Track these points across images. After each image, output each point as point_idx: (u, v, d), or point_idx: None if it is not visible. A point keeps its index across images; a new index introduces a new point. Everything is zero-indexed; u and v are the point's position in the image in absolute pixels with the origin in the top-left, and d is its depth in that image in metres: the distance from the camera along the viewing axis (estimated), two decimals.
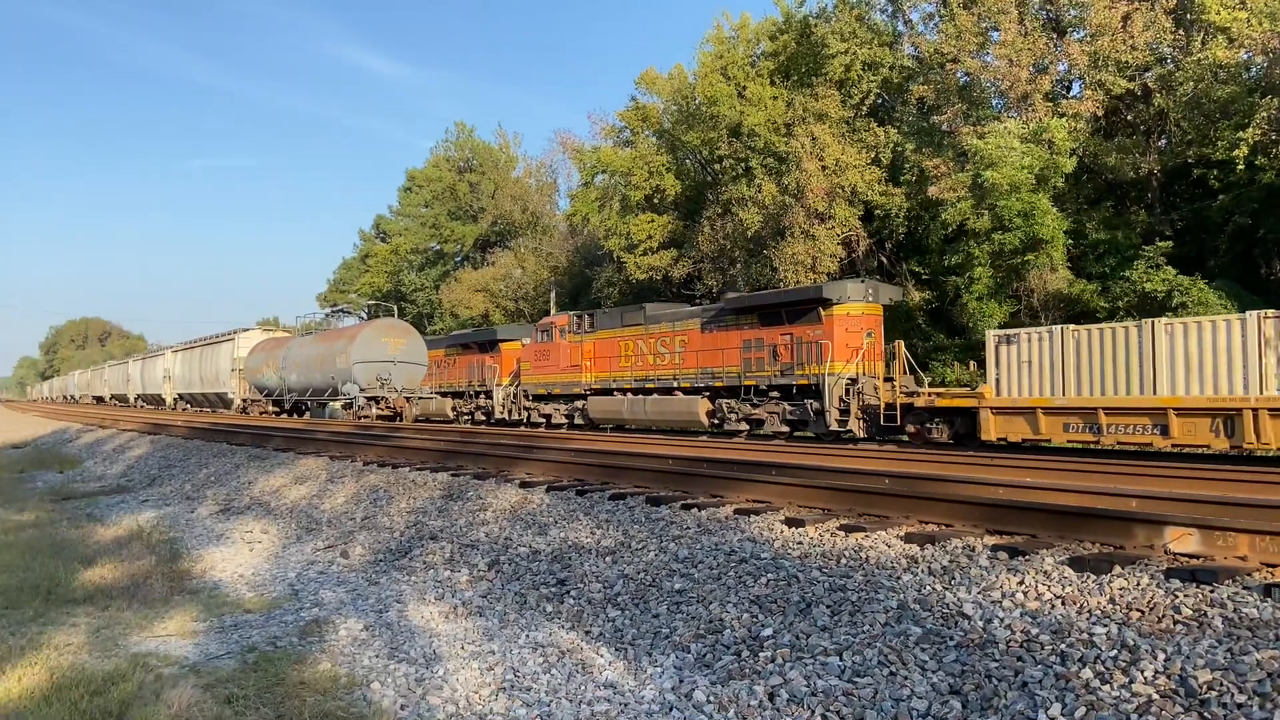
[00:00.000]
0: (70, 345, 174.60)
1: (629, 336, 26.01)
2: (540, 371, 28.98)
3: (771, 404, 21.61)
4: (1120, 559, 5.78)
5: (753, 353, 22.09)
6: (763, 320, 22.21)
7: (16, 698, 5.42)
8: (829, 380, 19.85)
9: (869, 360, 20.17)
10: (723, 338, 22.98)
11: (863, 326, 20.51)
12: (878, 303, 21.26)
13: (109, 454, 24.91)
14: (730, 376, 22.45)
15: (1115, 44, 24.10)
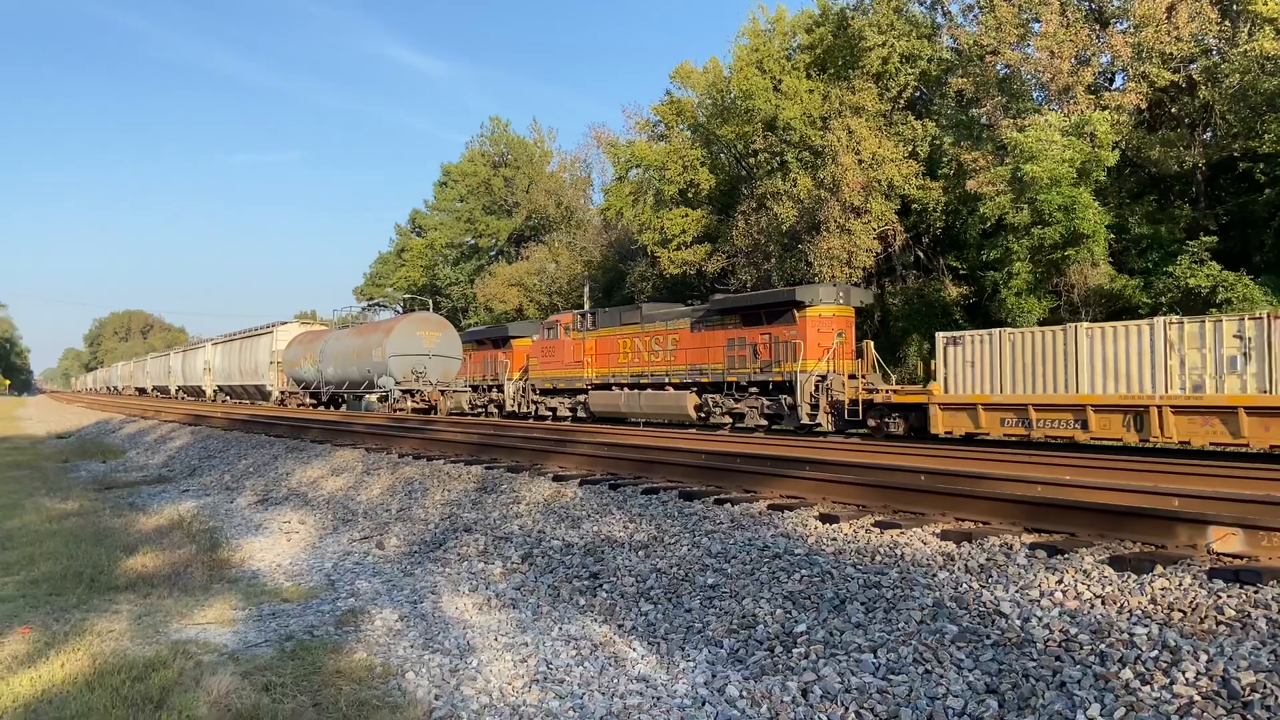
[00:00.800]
0: (113, 337, 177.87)
1: (627, 335, 27.40)
2: (547, 367, 30.47)
3: (751, 399, 22.87)
4: (1162, 558, 5.68)
5: (735, 351, 23.38)
6: (744, 321, 23.46)
7: (60, 683, 5.52)
8: (801, 377, 21.16)
9: (839, 359, 21.45)
10: (709, 337, 24.33)
11: (834, 327, 21.80)
12: (849, 305, 22.55)
13: (150, 444, 25.33)
14: (715, 373, 23.74)
15: (1159, 35, 23.66)
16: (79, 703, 5.18)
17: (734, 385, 23.24)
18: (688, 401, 24.38)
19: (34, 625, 6.76)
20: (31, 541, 10.38)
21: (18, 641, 6.33)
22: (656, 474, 10.81)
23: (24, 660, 5.95)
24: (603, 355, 28.18)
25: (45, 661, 5.90)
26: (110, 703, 5.15)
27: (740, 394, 23.17)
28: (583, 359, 28.71)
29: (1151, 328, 16.07)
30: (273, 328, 46.38)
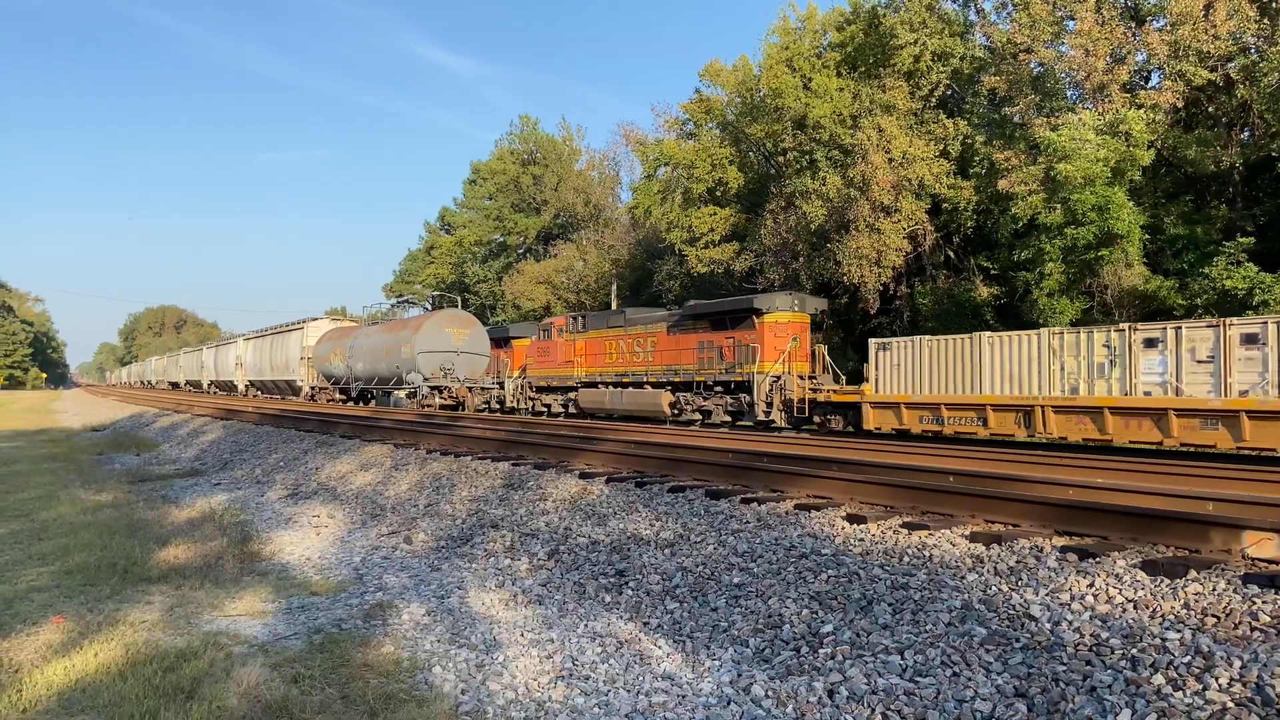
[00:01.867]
0: (148, 332, 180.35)
1: (612, 337, 29.24)
2: (542, 366, 32.37)
3: (717, 397, 24.81)
4: (1195, 563, 5.61)
5: (704, 353, 25.31)
6: (712, 326, 25.35)
7: (93, 672, 5.60)
8: (758, 378, 23.06)
9: (793, 361, 23.25)
10: (683, 340, 26.25)
11: (789, 332, 23.71)
12: (804, 312, 24.52)
13: (183, 438, 25.64)
14: (687, 373, 25.67)
15: (1197, 33, 23.30)
16: (111, 692, 5.25)
17: (702, 385, 25.14)
18: (663, 399, 26.15)
19: (68, 615, 6.86)
20: (66, 532, 10.54)
21: (52, 631, 6.42)
22: (683, 472, 10.81)
23: (58, 649, 6.04)
24: (591, 356, 30.03)
25: (79, 651, 5.98)
26: (142, 692, 5.21)
27: (708, 393, 25.07)
28: (573, 359, 30.59)
29: (1039, 337, 18.32)
30: (303, 324, 46.83)
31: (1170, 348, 16.57)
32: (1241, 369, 15.53)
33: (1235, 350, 15.65)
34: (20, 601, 7.38)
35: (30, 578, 8.29)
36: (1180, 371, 16.33)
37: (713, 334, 25.16)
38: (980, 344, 19.15)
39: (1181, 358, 16.40)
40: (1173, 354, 16.55)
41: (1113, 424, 16.52)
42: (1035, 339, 18.35)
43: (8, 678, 5.51)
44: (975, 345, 19.24)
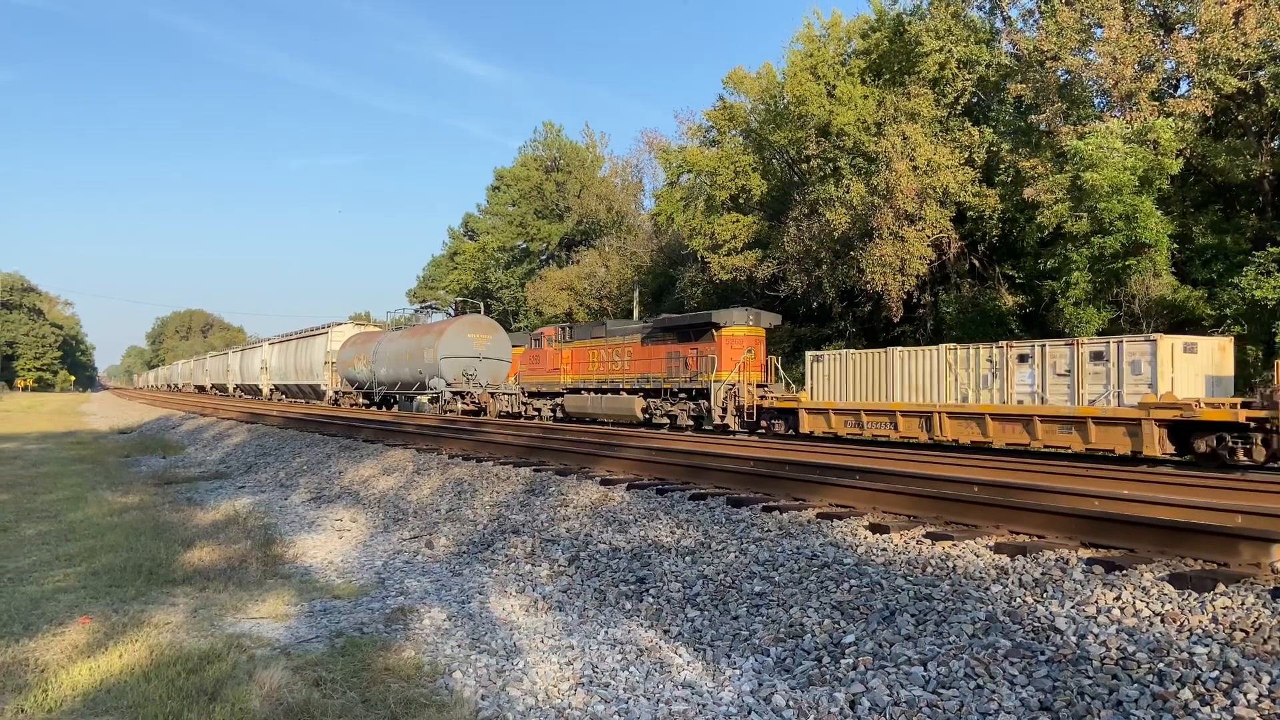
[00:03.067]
0: (175, 336, 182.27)
1: (594, 347, 31.49)
2: (533, 373, 34.37)
3: (682, 403, 26.98)
4: (1224, 576, 5.53)
5: (672, 363, 27.63)
6: (679, 338, 27.75)
7: (118, 673, 5.65)
8: (715, 385, 25.36)
9: (747, 371, 25.51)
10: (654, 350, 28.57)
11: (745, 345, 26.02)
12: (759, 327, 26.83)
13: (209, 441, 25.87)
14: (657, 381, 27.99)
15: (1226, 41, 23.06)
16: (136, 693, 5.30)
17: (669, 391, 27.50)
18: (636, 405, 28.40)
19: (94, 616, 6.93)
20: (93, 534, 10.65)
21: (78, 632, 6.49)
22: (704, 480, 10.79)
23: (84, 650, 6.09)
24: (576, 364, 32.17)
25: (104, 652, 6.04)
26: (166, 694, 5.25)
27: (674, 399, 27.35)
28: (560, 367, 32.82)
29: (938, 352, 20.72)
30: (328, 328, 47.14)
31: (1037, 363, 18.77)
32: (1090, 382, 17.78)
33: (1086, 366, 17.91)
34: (47, 602, 7.46)
35: (57, 578, 8.38)
36: (1045, 383, 18.61)
37: (679, 345, 27.57)
38: (893, 358, 21.68)
39: (1046, 372, 18.62)
40: (1039, 368, 18.74)
41: (992, 428, 18.95)
42: (935, 354, 20.76)
43: (34, 677, 5.57)
44: (889, 359, 21.75)
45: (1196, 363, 17.38)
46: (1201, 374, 17.35)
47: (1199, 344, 17.66)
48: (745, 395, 24.79)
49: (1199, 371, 17.31)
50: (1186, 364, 17.22)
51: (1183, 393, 16.65)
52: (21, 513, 12.56)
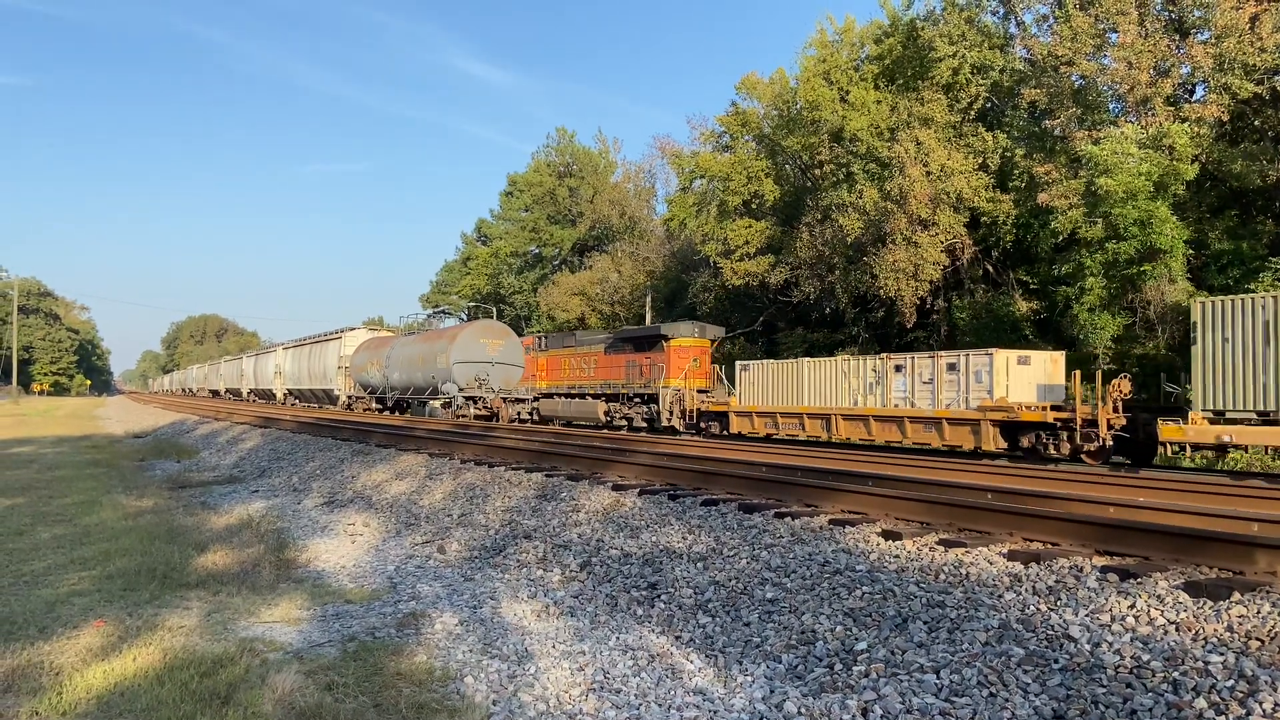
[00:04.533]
0: (189, 340, 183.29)
1: (566, 355, 34.82)
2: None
3: (637, 406, 30.08)
4: (1239, 585, 5.49)
5: (630, 371, 30.76)
6: (635, 348, 31.05)
7: (131, 676, 5.68)
8: (664, 391, 28.67)
9: (692, 378, 29.16)
10: (615, 359, 31.83)
11: (691, 354, 29.40)
12: (704, 338, 30.35)
13: (223, 445, 25.99)
14: (617, 387, 31.12)
15: (1242, 46, 22.93)
16: (149, 696, 5.32)
17: (627, 396, 30.49)
18: (599, 409, 31.44)
19: (108, 619, 6.96)
20: (108, 538, 10.71)
21: (92, 635, 6.52)
22: (716, 485, 10.77)
23: (98, 653, 6.13)
24: (551, 371, 35.34)
25: (118, 655, 6.07)
26: (179, 697, 5.27)
27: (630, 403, 30.38)
28: (536, 373, 35.76)
29: (835, 363, 24.22)
30: (341, 333, 47.31)
31: (909, 372, 21.69)
32: (946, 389, 20.68)
33: (943, 375, 20.80)
34: (62, 605, 7.51)
35: (72, 582, 8.43)
36: (914, 390, 21.49)
37: (635, 355, 30.84)
38: (802, 367, 24.99)
39: (914, 380, 21.45)
40: (910, 377, 21.62)
41: (875, 427, 21.79)
42: (834, 364, 24.10)
43: (49, 680, 5.60)
44: (799, 368, 25.04)
45: (1030, 373, 20.10)
46: (1034, 382, 19.99)
47: (1032, 357, 20.63)
48: (689, 400, 28.12)
49: (1032, 380, 19.99)
50: (1020, 374, 19.96)
51: (1017, 398, 19.37)
52: (37, 516, 12.64)
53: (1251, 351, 15.10)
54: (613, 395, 31.21)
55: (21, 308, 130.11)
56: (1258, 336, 15.08)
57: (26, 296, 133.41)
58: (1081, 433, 17.54)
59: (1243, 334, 15.33)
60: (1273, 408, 14.70)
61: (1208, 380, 15.70)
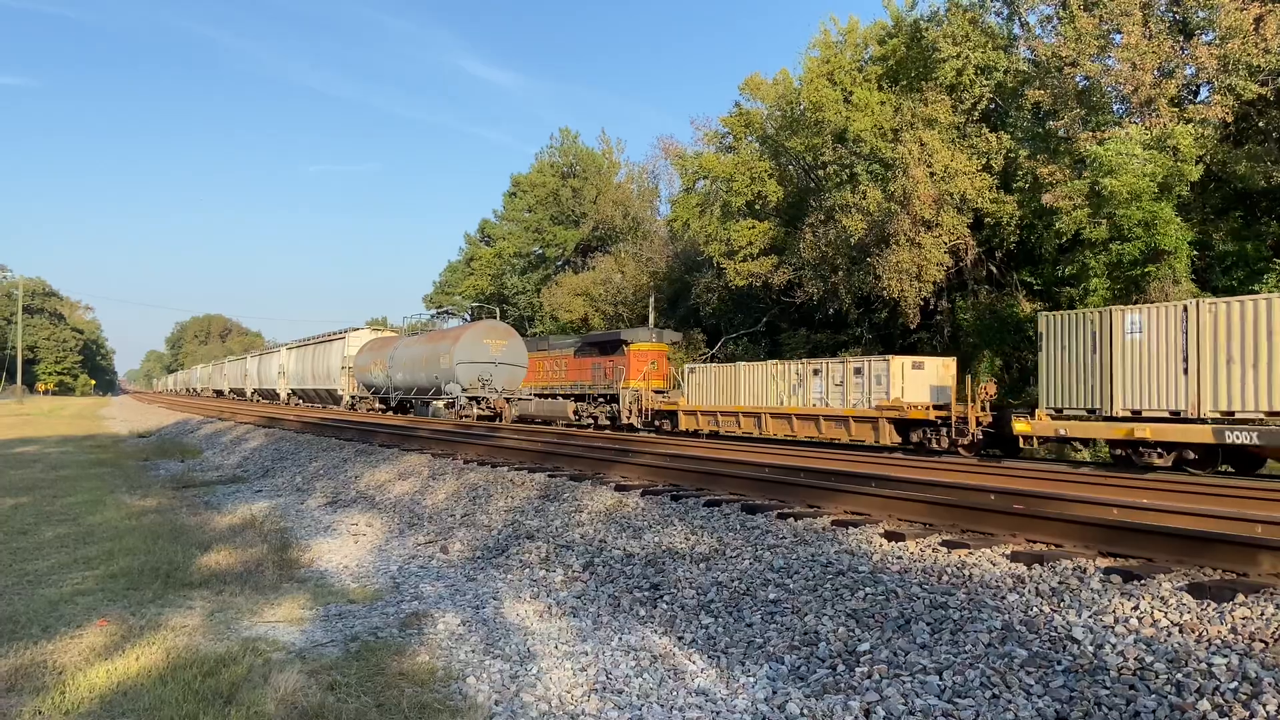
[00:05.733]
0: (193, 340, 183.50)
1: (539, 358, 36.92)
2: None
3: (601, 406, 32.52)
4: (1243, 586, 5.48)
5: (595, 373, 33.36)
6: (600, 352, 33.59)
7: (134, 675, 5.69)
8: (623, 392, 31.31)
9: (650, 380, 31.73)
10: (583, 362, 34.41)
11: (649, 358, 32.16)
12: (662, 343, 33.40)
13: (226, 445, 26.02)
14: (585, 387, 33.73)
15: (1246, 47, 22.87)
16: (152, 696, 5.32)
17: (593, 396, 33.04)
18: (568, 408, 33.92)
19: (111, 618, 6.97)
20: (112, 537, 10.73)
21: (96, 634, 6.53)
22: (719, 486, 10.77)
23: (101, 652, 6.14)
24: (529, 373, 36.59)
25: (121, 654, 6.08)
26: (182, 696, 5.28)
27: (595, 403, 32.86)
28: None
29: (765, 367, 26.54)
30: (345, 334, 47.35)
31: (825, 375, 24.32)
32: (854, 390, 23.27)
33: (851, 378, 23.47)
34: (65, 604, 7.52)
35: (76, 581, 8.44)
36: (828, 391, 24.11)
37: (600, 358, 33.43)
38: (739, 370, 27.46)
39: (829, 383, 24.09)
40: (825, 380, 24.22)
41: (797, 425, 24.45)
42: (764, 368, 26.55)
43: (52, 679, 5.61)
44: (736, 371, 27.59)
45: (924, 376, 22.56)
46: (927, 385, 22.31)
47: (925, 362, 23.17)
48: (646, 399, 30.59)
49: (925, 383, 22.37)
50: (915, 377, 22.43)
51: (911, 399, 21.65)
52: (41, 516, 12.66)
53: (1082, 358, 17.77)
54: (580, 396, 33.79)
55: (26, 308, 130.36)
56: (1086, 346, 17.73)
57: (31, 296, 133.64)
58: (956, 428, 19.82)
59: (1076, 343, 17.96)
60: (1097, 405, 17.40)
61: (1049, 383, 18.35)
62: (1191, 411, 15.99)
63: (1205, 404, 15.83)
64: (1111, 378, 17.20)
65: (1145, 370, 16.79)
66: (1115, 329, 17.26)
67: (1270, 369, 15.05)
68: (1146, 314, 16.98)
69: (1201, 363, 15.91)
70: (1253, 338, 15.31)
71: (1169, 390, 16.36)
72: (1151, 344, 16.73)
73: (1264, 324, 15.20)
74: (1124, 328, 17.17)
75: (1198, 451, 15.88)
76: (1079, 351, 17.86)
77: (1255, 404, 15.20)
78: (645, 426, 30.22)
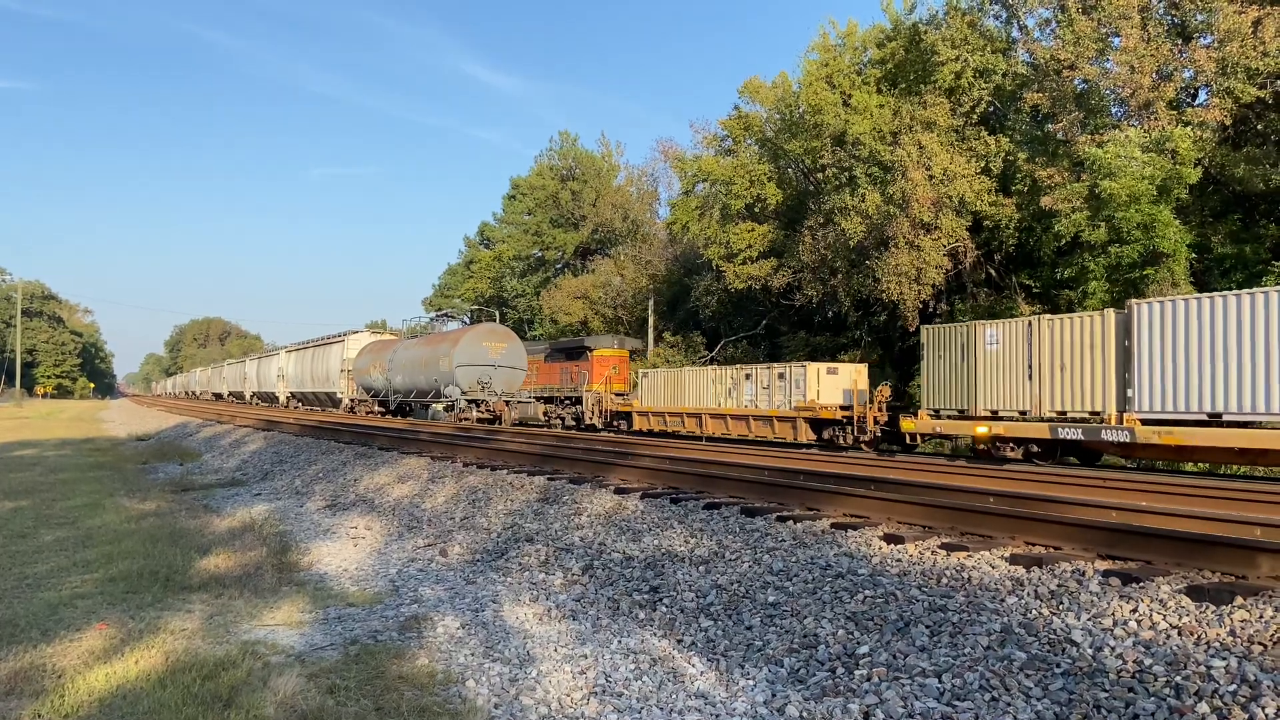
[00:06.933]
0: (193, 343, 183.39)
1: None
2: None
3: (568, 407, 34.92)
4: (1242, 589, 5.48)
5: (564, 377, 36.04)
6: (567, 357, 36.53)
7: (134, 679, 5.69)
8: (586, 395, 33.60)
9: (612, 383, 34.36)
10: (553, 367, 37.24)
11: (611, 363, 34.94)
12: (624, 349, 36.22)
13: (226, 448, 26.01)
14: (553, 391, 36.25)
15: (1245, 50, 22.91)
16: (151, 699, 5.32)
17: (560, 399, 35.55)
18: (539, 409, 36.25)
19: (111, 622, 6.97)
20: (111, 540, 10.72)
21: (95, 637, 6.53)
22: (718, 489, 10.77)
23: (100, 656, 6.13)
24: None
25: (120, 658, 6.07)
26: (181, 700, 5.28)
27: (562, 405, 35.29)
28: None
29: (707, 371, 28.89)
30: (344, 337, 47.32)
31: (755, 379, 26.69)
32: (778, 393, 25.69)
33: (776, 382, 25.88)
34: (65, 608, 7.52)
35: (75, 584, 8.44)
36: (758, 394, 26.47)
37: (567, 363, 36.23)
38: (685, 374, 29.83)
39: (758, 386, 26.49)
40: (755, 384, 26.63)
41: (731, 424, 26.91)
42: (705, 373, 28.84)
43: (51, 683, 5.61)
44: (683, 375, 29.89)
45: (838, 380, 25.09)
46: (840, 388, 24.83)
47: (839, 368, 25.76)
48: (606, 401, 32.99)
49: (839, 386, 24.88)
50: (830, 381, 25.00)
51: (826, 401, 24.30)
52: (40, 519, 12.66)
53: (955, 366, 20.17)
54: (549, 398, 36.17)
55: (25, 311, 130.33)
56: (958, 355, 20.15)
57: (30, 300, 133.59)
58: (858, 426, 22.44)
59: (950, 353, 20.34)
60: (965, 406, 19.79)
61: (930, 387, 20.77)
62: (1035, 411, 18.43)
63: (1045, 405, 18.25)
64: (976, 383, 19.69)
65: (1001, 377, 19.23)
66: (978, 341, 19.68)
67: (1092, 376, 17.43)
68: (1002, 328, 19.47)
69: (1042, 370, 18.38)
70: (1079, 350, 17.71)
71: (1018, 393, 18.85)
72: (1006, 354, 19.20)
73: (1088, 338, 17.53)
74: (985, 340, 19.63)
75: (1040, 446, 18.28)
76: (952, 360, 20.29)
77: (1081, 405, 17.58)
78: (605, 426, 32.40)
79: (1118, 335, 17.18)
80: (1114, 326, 17.24)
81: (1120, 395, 16.98)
